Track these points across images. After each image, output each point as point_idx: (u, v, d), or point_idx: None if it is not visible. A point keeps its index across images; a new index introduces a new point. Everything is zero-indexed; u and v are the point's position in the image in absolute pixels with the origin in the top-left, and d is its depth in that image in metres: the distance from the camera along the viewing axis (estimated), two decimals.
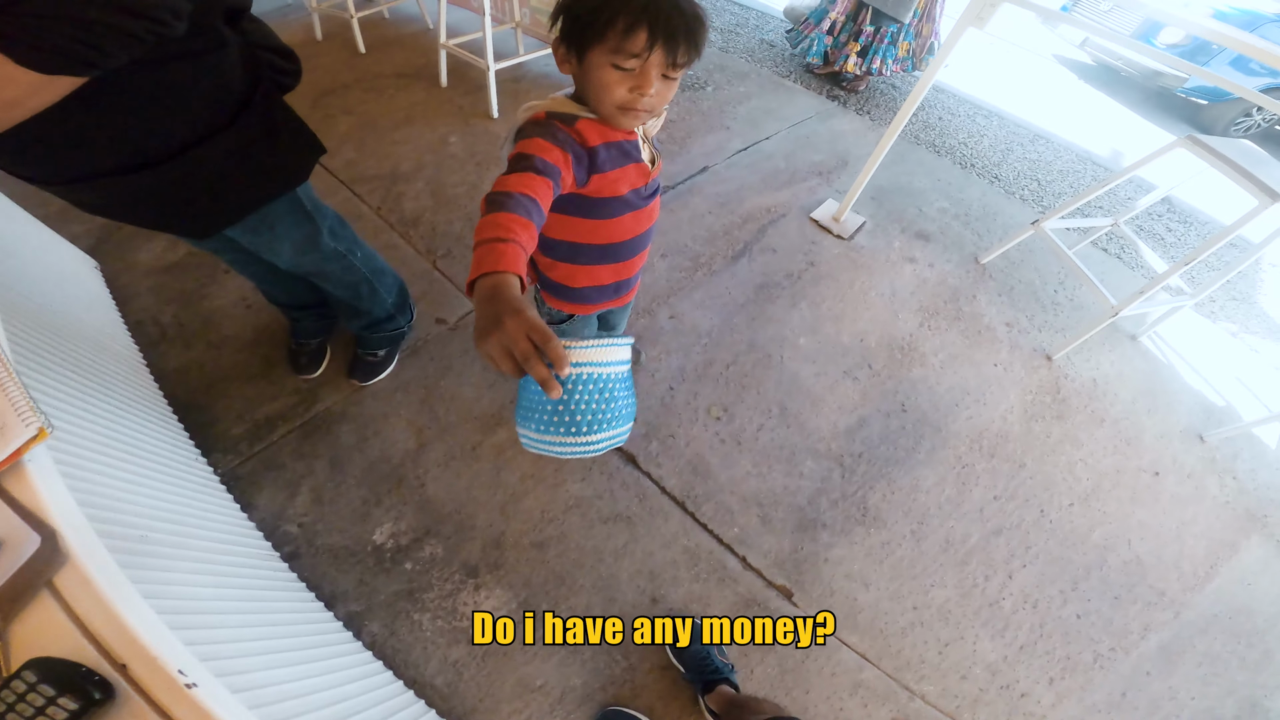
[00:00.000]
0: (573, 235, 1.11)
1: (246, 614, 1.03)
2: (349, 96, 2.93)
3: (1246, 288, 2.98)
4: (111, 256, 2.02)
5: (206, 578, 1.02)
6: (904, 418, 2.02)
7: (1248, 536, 1.92)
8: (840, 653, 1.53)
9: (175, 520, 1.10)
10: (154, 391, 1.58)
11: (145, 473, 1.15)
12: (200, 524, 1.16)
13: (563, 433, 0.69)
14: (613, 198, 1.03)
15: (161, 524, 1.05)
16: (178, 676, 0.57)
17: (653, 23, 0.79)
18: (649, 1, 0.80)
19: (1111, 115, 4.64)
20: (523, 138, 0.90)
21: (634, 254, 1.21)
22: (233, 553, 1.18)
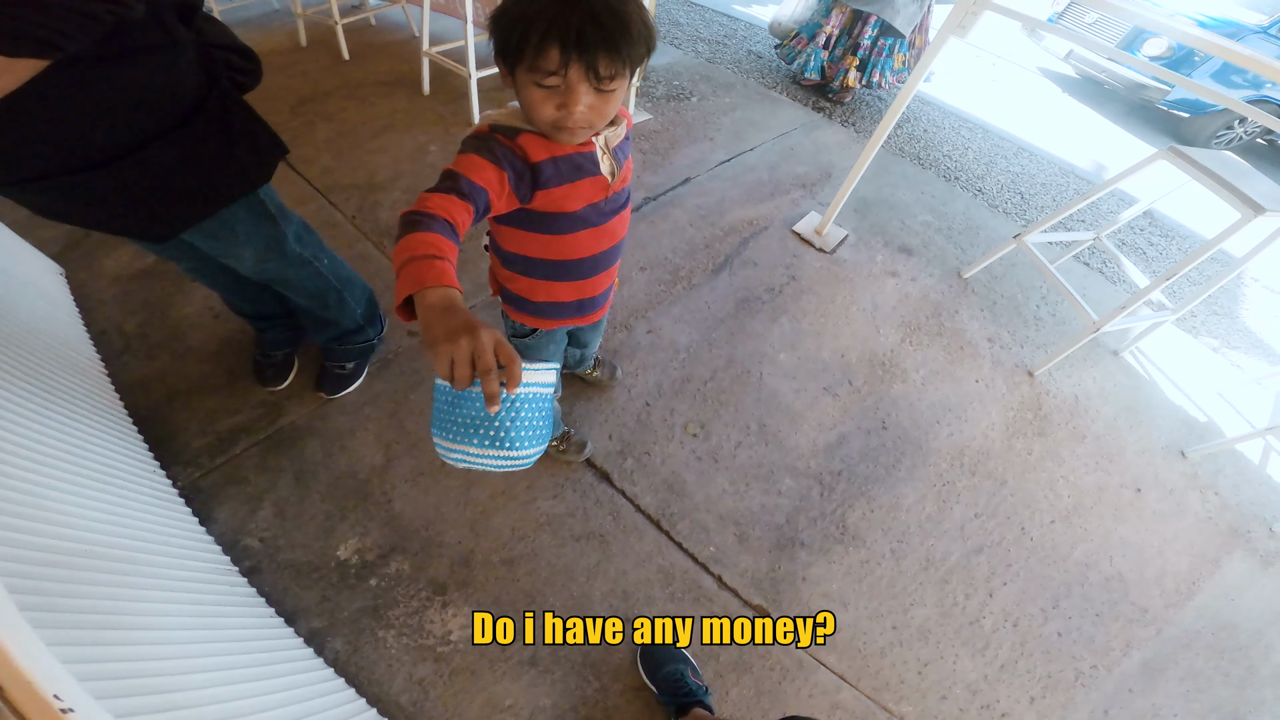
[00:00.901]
0: (526, 249, 1.10)
1: (200, 629, 1.04)
2: (329, 103, 2.97)
3: (1228, 302, 3.08)
4: (78, 264, 2.03)
5: (158, 592, 1.04)
6: (884, 435, 2.06)
7: (1230, 552, 1.98)
8: (818, 673, 1.55)
9: (127, 534, 1.11)
10: (114, 402, 1.60)
11: (97, 485, 1.17)
12: (154, 538, 1.18)
13: (487, 445, 0.72)
14: (564, 214, 1.02)
15: (111, 537, 1.07)
16: (52, 701, 0.58)
17: (564, 39, 0.76)
18: (558, 16, 0.76)
19: (1095, 128, 4.80)
20: (462, 150, 0.91)
21: (596, 272, 1.19)
22: (188, 567, 1.20)
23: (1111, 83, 4.97)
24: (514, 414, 0.72)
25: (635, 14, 0.81)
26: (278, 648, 1.21)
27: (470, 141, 0.91)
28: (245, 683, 1.02)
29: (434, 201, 0.79)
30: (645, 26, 0.83)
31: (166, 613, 1.01)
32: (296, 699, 1.10)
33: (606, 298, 1.33)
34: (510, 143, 0.92)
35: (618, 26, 0.78)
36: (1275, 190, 1.92)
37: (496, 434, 0.72)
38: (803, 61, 3.69)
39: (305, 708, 1.10)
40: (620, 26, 0.78)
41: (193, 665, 0.97)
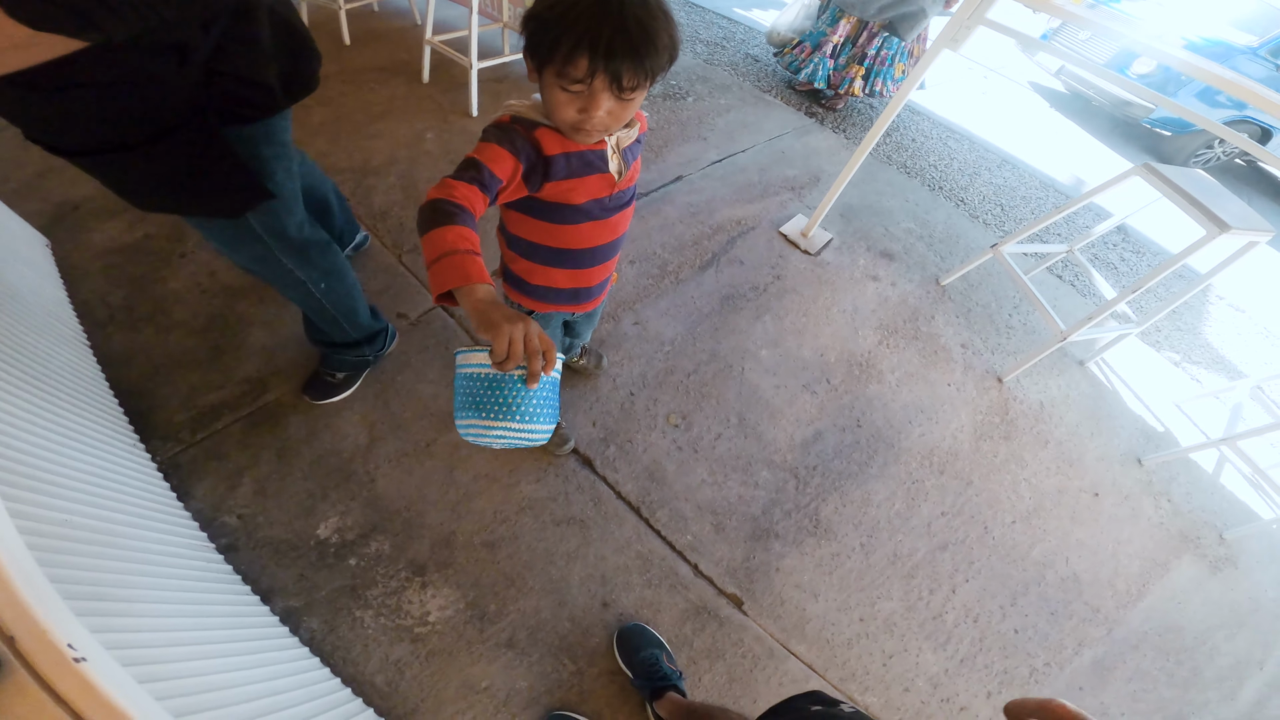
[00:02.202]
0: (529, 234, 1.11)
1: (173, 604, 1.00)
2: (328, 88, 2.87)
3: (1192, 319, 3.12)
4: (65, 236, 1.95)
5: (134, 565, 0.99)
6: (859, 432, 2.05)
7: (1179, 557, 2.00)
8: (788, 662, 1.54)
9: (104, 506, 1.06)
10: (95, 374, 1.53)
11: (76, 456, 1.12)
12: (131, 511, 1.13)
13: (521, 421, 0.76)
14: (568, 205, 1.04)
15: (89, 508, 1.02)
16: (67, 650, 0.55)
17: (594, 49, 0.78)
18: (592, 26, 0.77)
19: (1078, 144, 4.83)
20: (484, 139, 0.93)
21: (594, 263, 1.19)
22: (165, 542, 1.15)
23: (1099, 99, 5.01)
24: (546, 394, 0.77)
25: (664, 28, 0.82)
26: (251, 624, 1.16)
27: (493, 131, 0.93)
28: (216, 658, 0.98)
29: (460, 191, 0.83)
30: (671, 40, 0.84)
31: (140, 585, 0.96)
32: (268, 676, 1.06)
33: (602, 289, 1.32)
34: (528, 135, 0.93)
35: (645, 41, 0.79)
36: (1243, 210, 1.92)
37: (528, 412, 0.76)
38: (810, 71, 3.63)
39: (277, 685, 1.06)
40: (648, 41, 0.80)
41: (164, 639, 0.92)
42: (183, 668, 0.90)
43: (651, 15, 0.80)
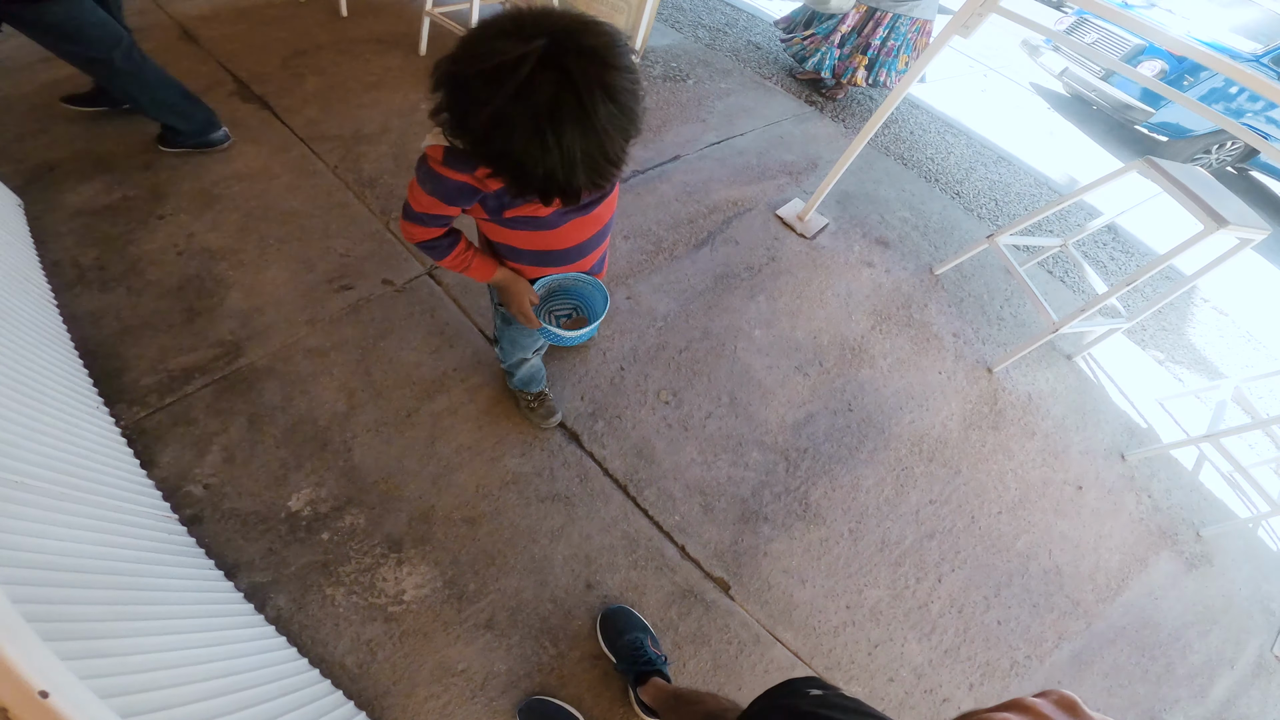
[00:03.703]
0: (511, 241, 1.06)
1: (128, 575, 0.89)
2: (321, 57, 2.70)
3: (1177, 319, 3.05)
4: (38, 196, 1.79)
5: (88, 533, 0.88)
6: (850, 417, 1.97)
7: (1158, 553, 1.94)
8: (774, 649, 1.46)
9: (59, 469, 0.94)
10: (60, 332, 1.39)
11: (32, 415, 1.00)
12: (88, 476, 1.01)
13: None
14: (538, 217, 0.96)
15: (42, 470, 0.90)
16: None
17: (571, 197, 0.72)
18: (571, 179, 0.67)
19: (1075, 145, 4.74)
20: (420, 183, 0.90)
21: (583, 255, 1.14)
22: (124, 510, 1.03)
23: (1100, 103, 4.92)
24: None
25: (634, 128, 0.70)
26: (214, 600, 1.06)
27: (424, 175, 0.89)
28: (172, 634, 0.87)
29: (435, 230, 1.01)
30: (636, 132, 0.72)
31: (96, 555, 0.86)
32: (230, 655, 0.96)
33: (599, 270, 1.26)
34: (465, 177, 0.86)
35: (618, 165, 0.71)
36: (1240, 207, 1.86)
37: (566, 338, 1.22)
38: (816, 60, 3.49)
39: (238, 664, 0.96)
40: (619, 164, 0.71)
41: (117, 613, 0.82)
42: (135, 643, 0.80)
43: (628, 129, 0.69)
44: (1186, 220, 1.82)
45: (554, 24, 0.63)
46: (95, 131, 2.04)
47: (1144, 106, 4.61)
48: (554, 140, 0.63)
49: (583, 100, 0.62)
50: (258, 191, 2.02)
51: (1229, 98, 4.49)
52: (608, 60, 0.64)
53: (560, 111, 0.62)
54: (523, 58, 0.60)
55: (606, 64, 0.63)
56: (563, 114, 0.62)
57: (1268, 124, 4.61)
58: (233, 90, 2.38)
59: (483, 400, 1.69)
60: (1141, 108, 4.62)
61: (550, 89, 0.61)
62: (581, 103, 0.62)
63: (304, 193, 2.07)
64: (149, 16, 2.62)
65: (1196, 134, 4.73)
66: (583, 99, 0.62)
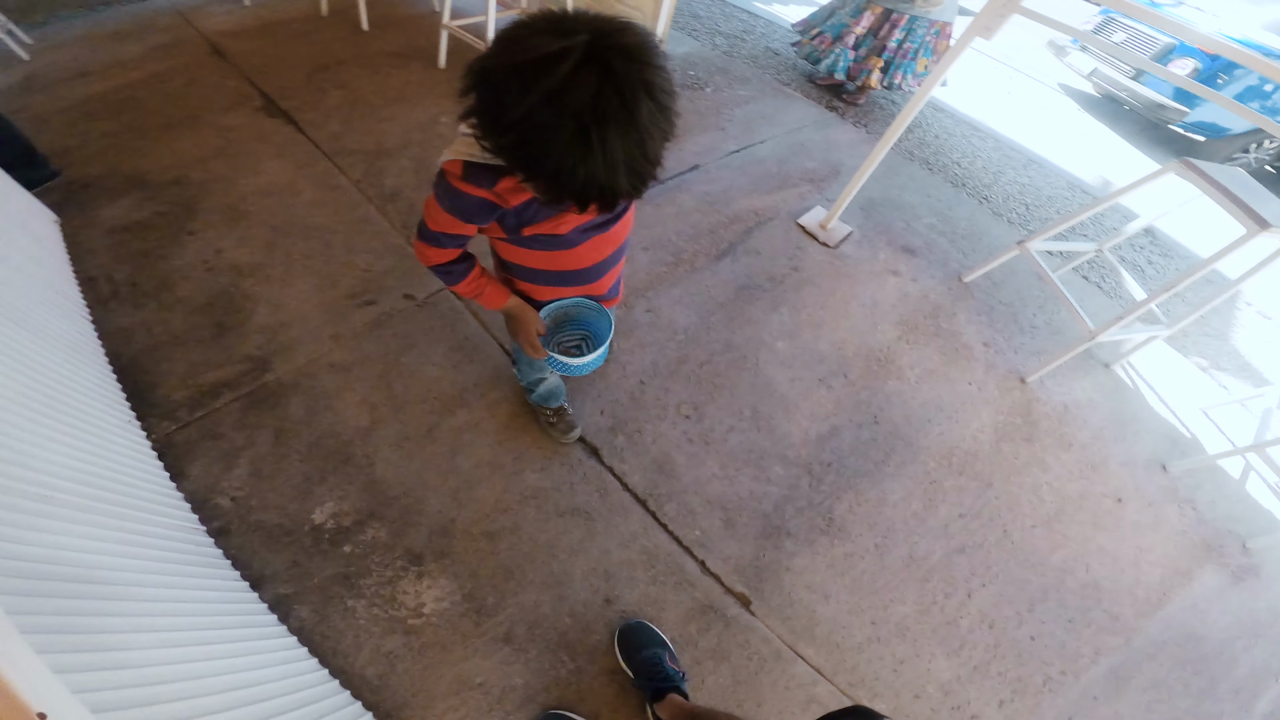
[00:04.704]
0: (526, 261, 1.06)
1: (157, 588, 0.93)
2: (344, 72, 2.82)
3: (1221, 325, 2.97)
4: (74, 212, 1.91)
5: (116, 545, 0.92)
6: (876, 429, 1.95)
7: (1202, 566, 1.88)
8: (795, 666, 1.45)
9: (90, 482, 1.00)
10: (95, 348, 1.47)
11: (66, 429, 1.06)
12: (119, 489, 1.07)
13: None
14: (556, 235, 0.96)
15: (71, 484, 0.95)
16: None
17: (609, 204, 0.71)
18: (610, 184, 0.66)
19: (1108, 146, 4.64)
20: (438, 200, 0.90)
21: (598, 276, 1.13)
22: (153, 523, 1.08)
23: (1132, 103, 4.81)
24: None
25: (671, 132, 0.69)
26: (238, 612, 1.10)
27: (443, 192, 0.88)
28: (198, 645, 0.91)
29: (450, 253, 1.00)
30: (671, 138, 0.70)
31: (124, 567, 0.90)
32: (253, 665, 0.99)
33: (616, 293, 1.27)
34: (485, 193, 0.85)
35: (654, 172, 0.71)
36: None
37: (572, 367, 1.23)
38: (830, 62, 3.49)
39: (262, 675, 0.99)
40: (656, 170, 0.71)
41: (145, 623, 0.86)
42: (162, 654, 0.84)
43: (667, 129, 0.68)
44: (1227, 222, 1.77)
45: (592, 23, 0.63)
46: (128, 147, 2.15)
47: (1178, 106, 4.51)
48: (597, 139, 0.61)
49: (625, 98, 0.61)
50: (284, 206, 2.11)
51: (1264, 96, 4.38)
52: (647, 59, 0.63)
53: (604, 109, 0.61)
54: (565, 52, 0.59)
55: (646, 62, 0.63)
56: (606, 112, 0.61)
57: None
58: (259, 106, 2.48)
59: (502, 415, 1.72)
60: (1176, 107, 4.52)
61: (593, 86, 0.60)
62: (624, 101, 0.61)
63: (328, 208, 2.15)
64: (179, 32, 2.77)
65: (1234, 133, 4.61)
66: (625, 96, 0.61)
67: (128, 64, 2.68)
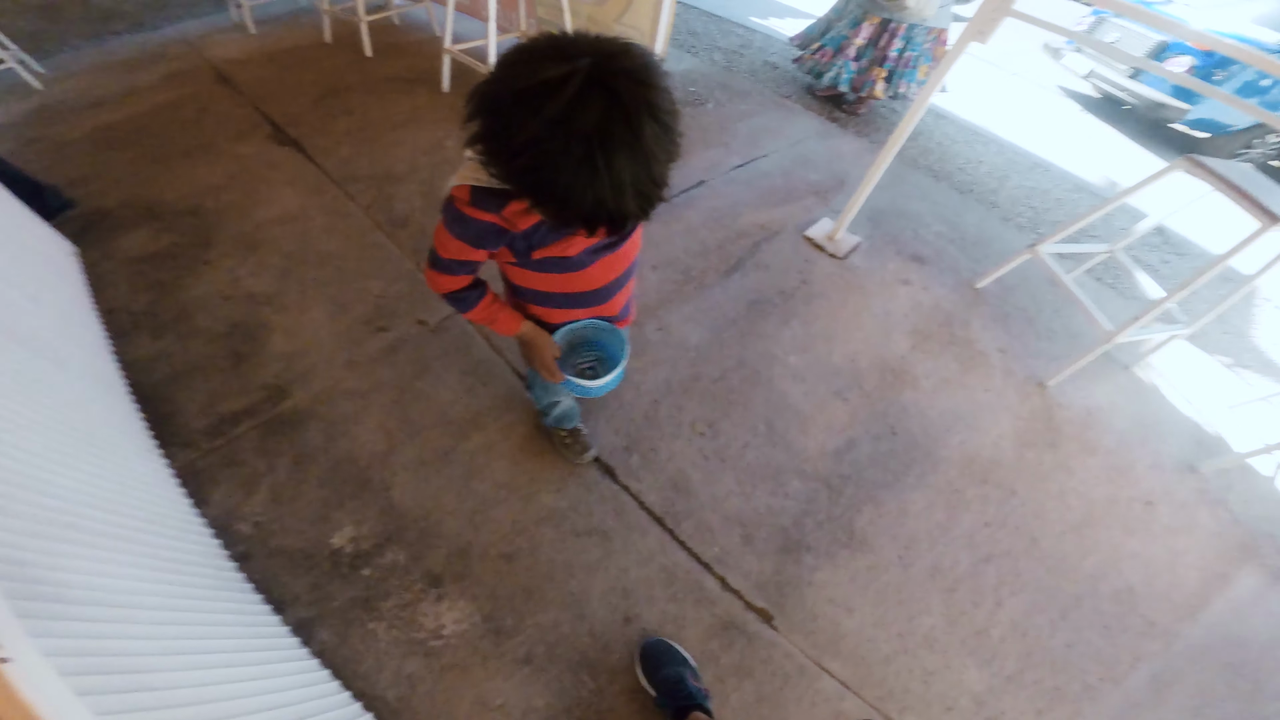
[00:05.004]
0: (537, 285, 1.07)
1: (182, 611, 0.96)
2: (350, 98, 2.93)
3: (1240, 321, 2.96)
4: (92, 244, 2.00)
5: (142, 570, 0.96)
6: (894, 441, 1.96)
7: (1240, 568, 1.86)
8: (821, 680, 1.45)
9: (113, 509, 1.04)
10: (117, 379, 1.53)
11: (90, 459, 1.10)
12: (143, 516, 1.10)
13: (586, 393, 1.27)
14: (566, 257, 0.97)
15: (97, 512, 0.99)
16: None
17: (612, 225, 0.71)
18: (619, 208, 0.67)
19: (1112, 146, 4.69)
20: (447, 226, 0.92)
21: (609, 297, 1.14)
22: (176, 548, 1.12)
23: (1132, 102, 4.87)
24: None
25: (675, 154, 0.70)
26: (261, 634, 1.13)
27: (451, 218, 0.90)
28: (223, 668, 0.94)
29: (462, 279, 1.03)
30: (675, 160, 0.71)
31: (148, 593, 0.94)
32: (276, 688, 1.02)
33: (627, 313, 1.28)
34: (493, 218, 0.86)
35: (660, 194, 0.71)
36: None
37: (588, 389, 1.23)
38: (833, 75, 3.57)
39: (286, 697, 1.02)
40: (661, 192, 0.71)
41: (169, 647, 0.89)
42: (188, 676, 0.86)
43: (672, 150, 0.69)
44: (1238, 218, 1.79)
45: (594, 45, 0.64)
46: (143, 176, 2.25)
47: (1178, 104, 4.56)
48: (604, 163, 0.62)
49: (631, 120, 0.62)
50: (297, 234, 2.19)
51: (1262, 91, 4.43)
52: (650, 80, 0.64)
53: (610, 132, 0.62)
54: (569, 76, 0.60)
55: (650, 84, 0.64)
56: (612, 135, 0.62)
57: None
58: (269, 133, 2.59)
59: (517, 437, 1.75)
60: (1176, 105, 4.57)
61: (598, 109, 0.61)
62: (630, 123, 0.62)
63: (339, 234, 2.22)
64: (187, 61, 2.89)
65: (1237, 129, 4.65)
66: (631, 119, 0.62)
67: (139, 93, 2.80)
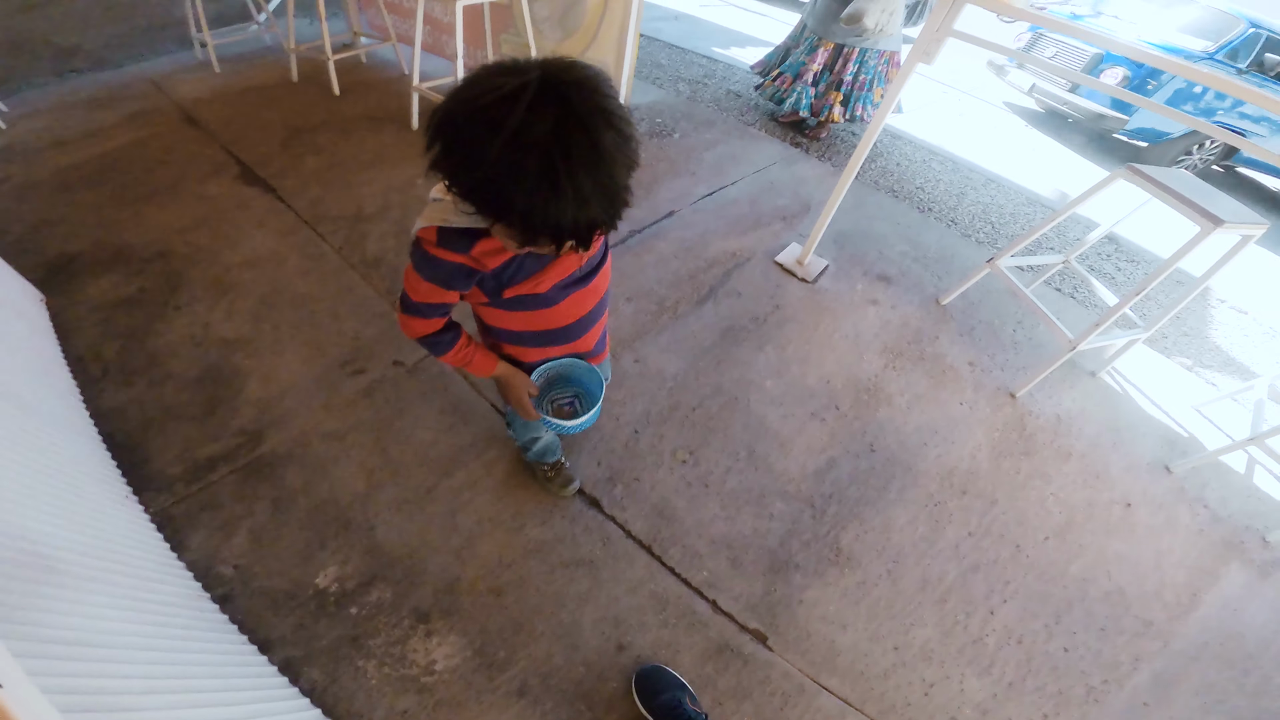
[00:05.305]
0: (509, 324, 1.09)
1: (166, 651, 0.96)
2: (319, 137, 2.98)
3: (1196, 323, 3.14)
4: (59, 290, 2.00)
5: (122, 612, 0.96)
6: (873, 458, 2.02)
7: (1226, 564, 1.94)
8: (820, 698, 1.47)
9: (91, 553, 1.04)
10: (87, 426, 1.53)
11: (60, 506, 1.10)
12: (122, 559, 1.10)
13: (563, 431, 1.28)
14: (537, 294, 0.99)
15: (74, 555, 0.99)
16: None
17: (583, 239, 0.73)
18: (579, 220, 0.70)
19: (1058, 159, 4.98)
20: (416, 269, 0.92)
21: (582, 333, 1.16)
22: (157, 590, 1.12)
23: (1073, 114, 5.17)
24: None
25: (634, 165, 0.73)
26: (249, 674, 1.12)
27: (421, 260, 0.90)
28: (211, 707, 0.94)
29: (435, 323, 1.03)
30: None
31: (131, 633, 0.93)
32: None
33: (602, 348, 1.31)
34: (462, 258, 0.87)
35: (622, 204, 0.74)
36: (1234, 205, 1.95)
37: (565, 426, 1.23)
38: (794, 100, 3.77)
39: None
40: (623, 202, 0.74)
41: (154, 686, 0.89)
42: (173, 715, 0.86)
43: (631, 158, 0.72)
44: (1185, 223, 1.90)
45: (542, 62, 0.67)
46: (109, 219, 2.26)
47: (1117, 115, 4.85)
48: (564, 172, 0.64)
49: (587, 126, 0.65)
50: (268, 277, 2.21)
51: (1196, 97, 4.72)
52: (600, 89, 0.68)
53: (568, 140, 0.64)
54: (521, 88, 0.63)
55: (600, 92, 0.67)
56: (570, 143, 0.64)
57: (1241, 119, 4.80)
58: (237, 174, 2.61)
59: (500, 473, 1.77)
60: (1115, 116, 4.86)
61: (552, 118, 0.63)
62: (586, 128, 0.65)
63: (312, 276, 2.25)
64: (151, 100, 2.91)
65: (1174, 136, 4.95)
66: (587, 127, 0.65)
67: (103, 133, 2.81)
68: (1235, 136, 1.76)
